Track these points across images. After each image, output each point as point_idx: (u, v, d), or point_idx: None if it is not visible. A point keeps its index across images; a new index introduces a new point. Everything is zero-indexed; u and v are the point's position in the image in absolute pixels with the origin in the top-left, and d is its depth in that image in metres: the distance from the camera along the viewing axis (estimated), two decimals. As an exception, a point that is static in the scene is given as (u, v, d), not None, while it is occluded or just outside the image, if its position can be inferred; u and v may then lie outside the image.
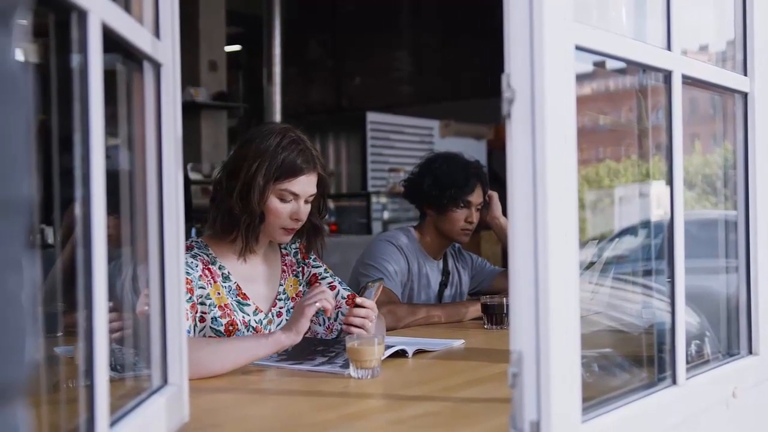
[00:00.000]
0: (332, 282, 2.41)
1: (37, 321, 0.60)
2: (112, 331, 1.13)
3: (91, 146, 1.01)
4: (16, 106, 0.53)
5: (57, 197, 1.08)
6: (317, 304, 2.01)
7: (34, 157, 0.58)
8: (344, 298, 2.38)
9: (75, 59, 1.01)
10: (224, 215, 2.22)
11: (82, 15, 1.00)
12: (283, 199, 2.21)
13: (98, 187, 1.01)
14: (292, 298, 2.37)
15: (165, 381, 1.38)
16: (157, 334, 1.38)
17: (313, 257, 2.44)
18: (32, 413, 0.63)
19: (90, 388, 1.01)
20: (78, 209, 1.01)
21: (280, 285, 2.36)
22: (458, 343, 2.38)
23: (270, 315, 2.30)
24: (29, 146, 0.57)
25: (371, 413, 1.64)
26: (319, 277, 2.42)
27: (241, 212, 2.19)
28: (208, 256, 2.23)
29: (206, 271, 2.19)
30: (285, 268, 2.39)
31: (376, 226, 7.35)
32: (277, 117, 9.15)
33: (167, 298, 1.39)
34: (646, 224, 2.07)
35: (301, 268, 2.42)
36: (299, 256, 2.43)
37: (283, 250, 2.42)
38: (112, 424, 1.09)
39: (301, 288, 2.40)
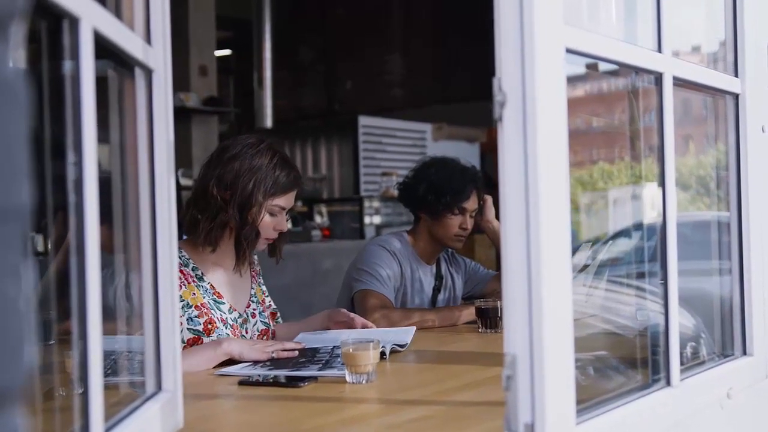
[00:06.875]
0: (265, 308, 2.53)
1: (34, 327, 0.60)
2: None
3: (84, 153, 1.00)
4: (14, 113, 0.53)
5: (49, 204, 1.08)
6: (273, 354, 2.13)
7: (31, 165, 0.58)
8: (259, 329, 2.46)
9: (67, 66, 1.01)
10: (217, 228, 2.29)
11: (74, 22, 0.99)
12: (272, 214, 2.33)
13: (91, 194, 1.01)
14: (261, 302, 2.49)
15: (159, 387, 1.38)
16: (150, 341, 1.37)
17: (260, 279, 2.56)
18: (29, 420, 0.63)
19: (85, 396, 1.00)
20: (71, 216, 1.00)
21: (252, 288, 2.47)
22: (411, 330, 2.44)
23: (245, 315, 2.40)
24: (27, 153, 0.57)
25: (368, 417, 1.64)
26: (265, 296, 2.55)
27: (240, 227, 2.28)
28: (180, 258, 2.26)
29: (179, 273, 2.22)
30: (254, 274, 2.52)
31: (369, 231, 7.33)
32: (269, 122, 9.13)
33: (161, 305, 1.38)
34: (639, 226, 2.07)
35: (260, 279, 2.55)
36: (258, 268, 2.56)
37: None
38: (106, 431, 1.09)
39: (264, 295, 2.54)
